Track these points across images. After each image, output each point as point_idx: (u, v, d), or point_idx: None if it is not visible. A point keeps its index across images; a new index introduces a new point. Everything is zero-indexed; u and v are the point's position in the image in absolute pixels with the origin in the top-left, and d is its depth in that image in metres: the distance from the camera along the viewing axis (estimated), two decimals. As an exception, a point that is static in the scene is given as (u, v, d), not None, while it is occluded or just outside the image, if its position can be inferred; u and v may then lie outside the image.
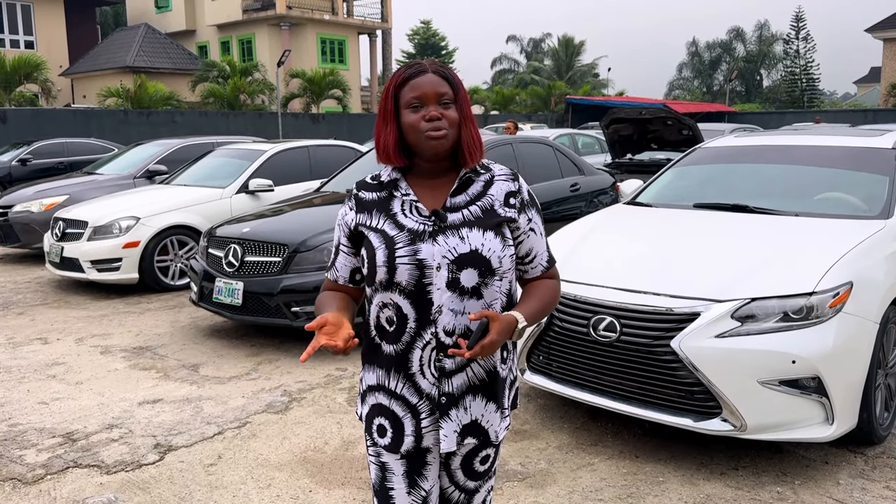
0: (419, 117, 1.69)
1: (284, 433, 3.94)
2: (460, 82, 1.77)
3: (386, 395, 1.80)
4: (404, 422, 1.78)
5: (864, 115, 28.25)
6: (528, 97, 36.38)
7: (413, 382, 1.76)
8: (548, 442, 3.74)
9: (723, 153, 5.19)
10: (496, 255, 1.72)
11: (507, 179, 1.81)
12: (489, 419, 1.81)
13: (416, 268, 1.70)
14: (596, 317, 3.49)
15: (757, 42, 55.95)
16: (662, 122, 10.00)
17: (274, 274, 5.32)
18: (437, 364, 1.74)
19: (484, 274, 1.72)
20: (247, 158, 8.42)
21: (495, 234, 1.74)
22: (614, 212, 4.92)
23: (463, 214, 1.74)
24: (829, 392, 3.18)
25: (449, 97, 1.72)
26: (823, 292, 3.24)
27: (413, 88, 1.71)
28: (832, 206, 4.32)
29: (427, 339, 1.73)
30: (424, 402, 1.76)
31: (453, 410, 1.77)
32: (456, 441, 1.78)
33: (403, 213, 1.76)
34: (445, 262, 1.70)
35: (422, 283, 1.70)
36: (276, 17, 31.76)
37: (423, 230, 1.72)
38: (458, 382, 1.76)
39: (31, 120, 18.93)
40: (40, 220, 8.79)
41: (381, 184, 1.81)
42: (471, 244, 1.71)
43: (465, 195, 1.77)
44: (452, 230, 1.72)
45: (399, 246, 1.71)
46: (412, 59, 56.68)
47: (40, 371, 5.04)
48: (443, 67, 1.76)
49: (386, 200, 1.79)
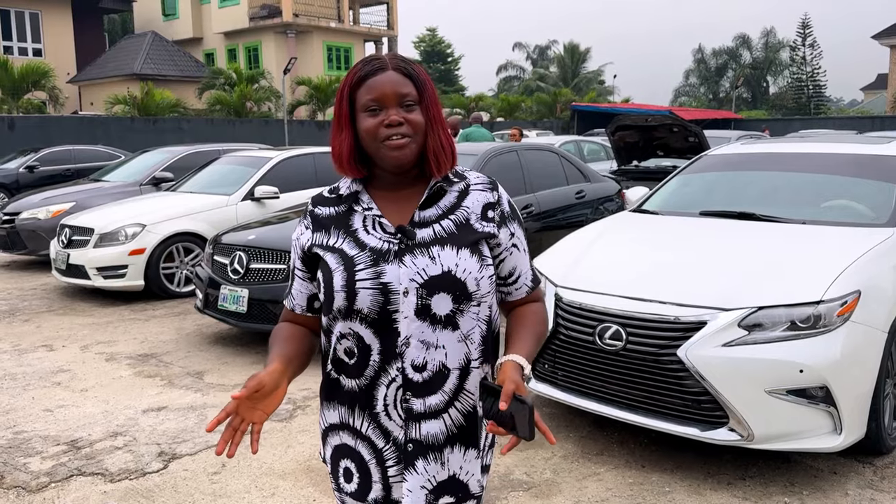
0: (377, 122, 1.46)
1: (289, 441, 3.93)
2: (427, 79, 1.52)
3: (351, 434, 1.56)
4: (370, 467, 1.55)
5: (871, 121, 28.16)
6: (534, 104, 36.41)
7: (378, 423, 1.52)
8: (553, 451, 3.72)
9: (729, 160, 5.17)
10: (472, 276, 1.49)
11: (484, 189, 1.57)
12: (469, 469, 1.56)
13: (379, 293, 1.46)
14: (602, 325, 3.48)
15: (763, 49, 55.88)
16: (668, 129, 9.98)
17: (279, 281, 5.31)
18: (404, 405, 1.50)
19: (459, 299, 1.48)
20: (252, 166, 8.44)
21: (471, 252, 1.50)
22: (620, 219, 4.90)
23: (434, 230, 1.50)
24: (838, 401, 3.15)
25: (413, 98, 1.48)
26: (831, 301, 3.22)
27: (370, 89, 1.47)
28: (839, 214, 4.30)
29: (392, 374, 1.49)
30: (390, 446, 1.52)
31: (421, 462, 1.51)
32: (426, 499, 1.52)
33: (365, 230, 1.52)
34: (414, 285, 1.46)
35: (386, 311, 1.47)
36: (282, 24, 31.90)
37: (387, 249, 1.48)
38: (429, 429, 1.51)
39: (38, 127, 19.06)
40: (47, 227, 8.81)
41: (339, 197, 1.57)
42: (443, 265, 1.47)
43: (437, 208, 1.54)
44: (422, 249, 1.48)
45: (360, 268, 1.48)
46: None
47: (45, 378, 5.04)
48: (405, 63, 1.51)
49: (345, 216, 1.55)
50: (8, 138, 18.21)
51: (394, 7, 36.20)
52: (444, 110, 1.60)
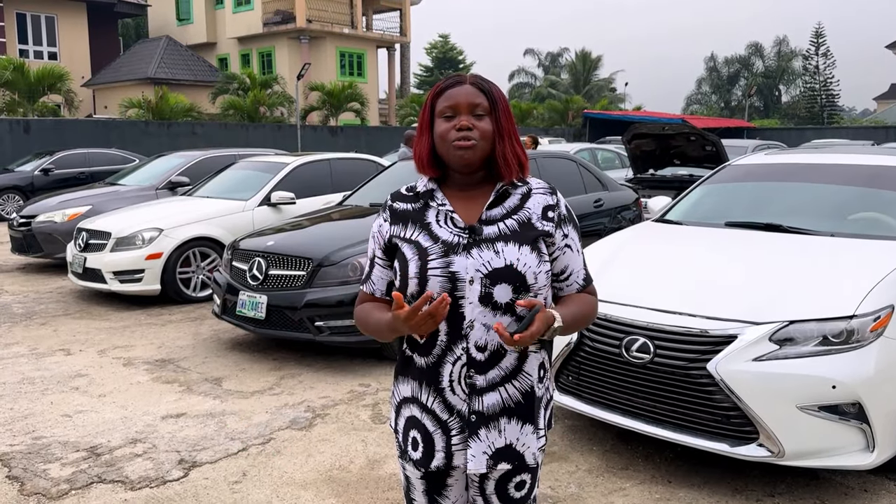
0: (450, 126, 1.68)
1: (309, 450, 3.89)
2: (501, 96, 1.73)
3: (419, 407, 1.76)
4: (434, 437, 1.74)
5: (885, 132, 27.96)
6: (545, 111, 36.39)
7: (443, 398, 1.72)
8: (577, 465, 3.67)
9: (754, 171, 5.11)
10: (531, 270, 1.68)
11: (545, 193, 1.78)
12: (525, 442, 1.75)
13: (448, 280, 1.66)
14: (629, 337, 3.43)
15: (776, 58, 55.72)
16: (685, 137, 9.92)
17: (298, 288, 5.29)
18: (468, 381, 1.69)
19: (518, 290, 1.67)
20: (269, 171, 8.44)
21: (531, 248, 1.69)
22: (644, 229, 4.85)
23: (499, 228, 1.70)
24: (870, 418, 3.09)
25: (484, 108, 1.69)
26: (864, 315, 3.16)
27: (447, 98, 1.70)
28: (867, 227, 4.23)
29: (458, 353, 1.69)
30: (455, 418, 1.72)
31: (483, 430, 1.71)
32: (486, 464, 1.72)
33: (438, 224, 1.73)
34: (479, 275, 1.66)
35: (454, 297, 1.66)
36: (295, 30, 32.03)
37: (457, 242, 1.69)
38: (489, 401, 1.70)
39: (53, 130, 19.16)
40: (63, 230, 8.84)
41: (416, 194, 1.79)
42: (506, 258, 1.67)
43: (502, 208, 1.74)
44: (487, 243, 1.68)
45: (432, 258, 1.68)
46: (430, 73, 57.20)
47: (63, 383, 5.03)
48: (482, 80, 1.74)
49: (421, 211, 1.76)
50: (23, 141, 18.33)
51: (407, 14, 36.29)
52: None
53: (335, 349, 5.59)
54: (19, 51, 28.20)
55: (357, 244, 5.38)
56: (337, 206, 6.93)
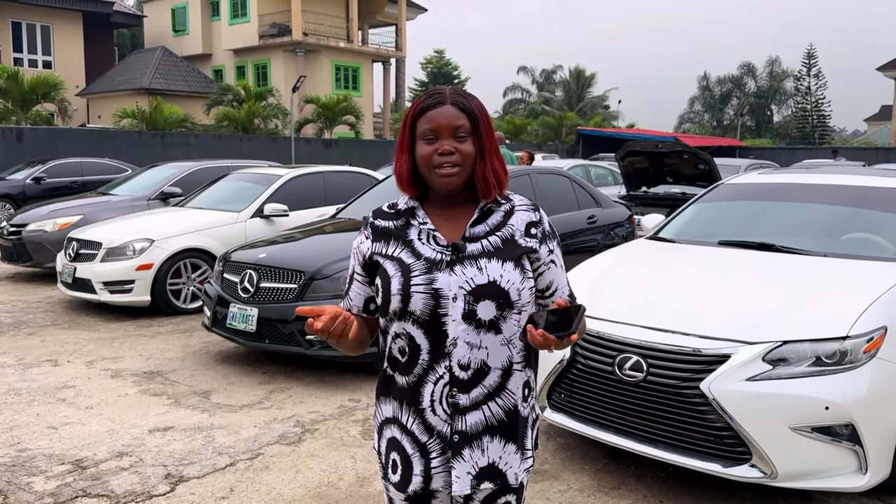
0: (432, 150, 1.66)
1: (298, 466, 3.85)
2: (482, 114, 1.71)
3: (399, 428, 1.74)
4: (413, 460, 1.71)
5: (875, 153, 28.19)
6: (539, 127, 36.53)
7: (423, 419, 1.69)
8: (569, 484, 3.64)
9: (746, 190, 5.13)
10: (515, 287, 1.66)
11: (527, 210, 1.77)
12: (508, 461, 1.72)
13: (431, 297, 1.64)
14: (622, 355, 3.41)
15: (768, 78, 56.22)
16: (678, 155, 9.97)
17: (289, 301, 5.25)
18: (451, 400, 1.67)
19: (502, 306, 1.66)
20: (262, 183, 8.41)
21: (515, 265, 1.68)
22: (637, 247, 4.85)
23: (482, 245, 1.69)
24: (864, 440, 3.08)
25: (466, 130, 1.67)
26: (857, 336, 3.16)
27: (428, 120, 1.67)
28: (860, 248, 4.24)
29: (440, 372, 1.67)
30: (435, 440, 1.69)
31: (467, 450, 1.68)
32: (470, 484, 1.69)
33: (421, 242, 1.71)
34: (462, 292, 1.64)
35: (437, 314, 1.65)
36: (291, 43, 32.09)
37: (440, 259, 1.67)
38: (472, 420, 1.68)
39: (46, 139, 19.08)
40: (53, 239, 8.77)
41: (398, 212, 1.77)
42: (489, 275, 1.65)
43: (485, 225, 1.73)
44: (471, 260, 1.67)
45: (415, 274, 1.66)
46: (425, 87, 57.44)
47: (50, 394, 4.97)
48: (463, 98, 1.70)
49: (403, 229, 1.75)
50: (16, 149, 18.23)
51: (402, 29, 36.44)
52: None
53: (326, 363, 5.55)
54: (14, 59, 28.16)
55: (349, 258, 5.35)
56: (330, 219, 6.90)
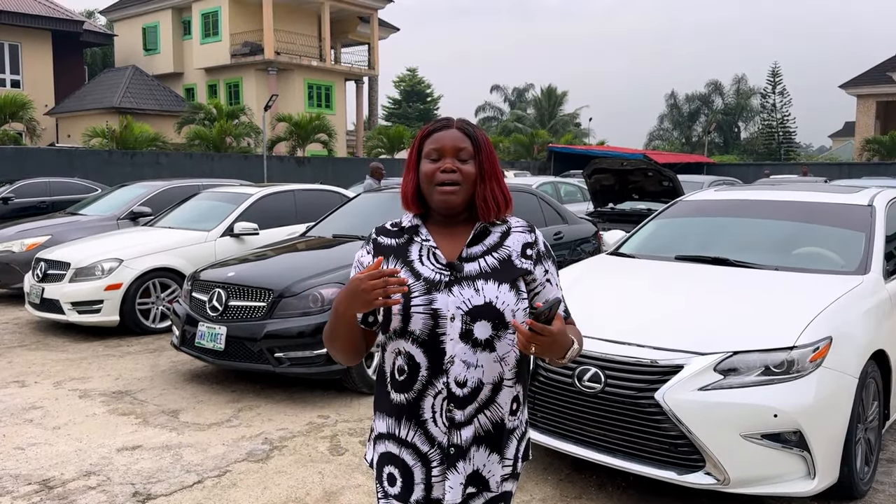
0: (435, 168, 1.76)
1: (265, 483, 3.89)
2: (485, 141, 1.82)
3: (395, 443, 1.80)
4: (414, 471, 1.78)
5: (839, 168, 28.87)
6: (511, 145, 36.87)
7: (425, 430, 1.76)
8: (532, 494, 3.72)
9: (704, 206, 5.29)
10: (510, 308, 1.74)
11: (523, 231, 1.86)
12: (490, 469, 1.80)
13: (430, 317, 1.72)
14: (581, 367, 3.51)
15: (735, 95, 57.34)
16: (643, 173, 10.17)
17: (258, 319, 5.30)
18: (448, 415, 1.75)
19: (497, 326, 1.73)
20: (232, 202, 8.45)
21: (510, 287, 1.76)
22: (598, 262, 4.98)
23: (479, 265, 1.77)
24: (811, 446, 3.21)
25: (468, 153, 1.78)
26: (804, 347, 3.30)
27: (434, 141, 1.79)
28: (811, 261, 4.41)
29: (439, 388, 1.74)
30: (435, 450, 1.76)
31: (461, 462, 1.76)
32: (461, 493, 1.77)
33: (421, 261, 1.79)
34: (459, 312, 1.72)
35: (435, 333, 1.73)
36: (263, 62, 32.11)
37: (439, 280, 1.75)
38: (466, 434, 1.76)
39: (13, 159, 18.83)
40: (21, 260, 8.71)
41: (401, 230, 1.86)
42: (485, 296, 1.73)
43: (482, 245, 1.81)
44: (468, 281, 1.75)
45: (415, 294, 1.74)
46: (398, 105, 57.65)
47: (17, 415, 4.95)
48: (468, 125, 1.83)
49: (404, 247, 1.83)
50: (-18, 169, 17.99)
51: (375, 47, 36.64)
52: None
53: (295, 380, 5.59)
54: (-19, 78, 27.82)
55: (319, 275, 5.42)
56: (300, 237, 6.96)
